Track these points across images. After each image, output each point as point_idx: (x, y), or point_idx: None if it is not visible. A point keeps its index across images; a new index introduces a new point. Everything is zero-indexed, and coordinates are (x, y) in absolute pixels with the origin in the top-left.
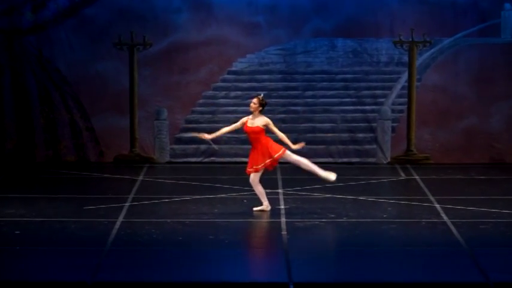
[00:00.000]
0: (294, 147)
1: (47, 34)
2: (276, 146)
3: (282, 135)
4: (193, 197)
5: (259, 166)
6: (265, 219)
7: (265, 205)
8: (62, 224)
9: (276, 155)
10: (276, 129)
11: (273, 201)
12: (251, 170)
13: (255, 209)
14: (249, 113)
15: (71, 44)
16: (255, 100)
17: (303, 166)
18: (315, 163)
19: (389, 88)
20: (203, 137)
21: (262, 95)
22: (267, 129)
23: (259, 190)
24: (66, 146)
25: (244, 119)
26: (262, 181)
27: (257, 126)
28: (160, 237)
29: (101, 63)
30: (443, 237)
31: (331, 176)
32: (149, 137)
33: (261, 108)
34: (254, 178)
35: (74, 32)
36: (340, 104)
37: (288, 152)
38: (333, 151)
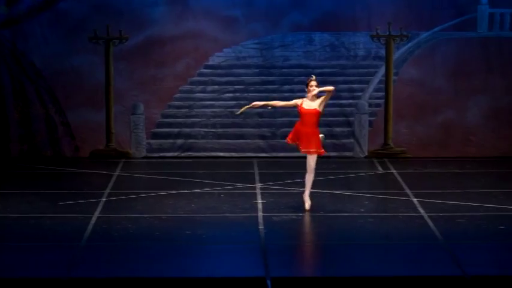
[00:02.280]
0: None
1: (22, 28)
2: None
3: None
4: (170, 192)
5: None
6: (241, 214)
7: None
8: (37, 219)
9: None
10: (322, 98)
11: (250, 195)
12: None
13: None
14: (226, 106)
15: (46, 38)
16: (315, 82)
17: (308, 176)
18: (292, 157)
19: (367, 82)
20: (255, 106)
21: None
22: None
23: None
24: (41, 141)
25: (298, 101)
26: (240, 176)
27: (315, 109)
28: (137, 232)
29: (76, 57)
30: (420, 231)
31: (307, 204)
32: (125, 131)
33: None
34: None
35: (48, 26)
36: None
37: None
38: None
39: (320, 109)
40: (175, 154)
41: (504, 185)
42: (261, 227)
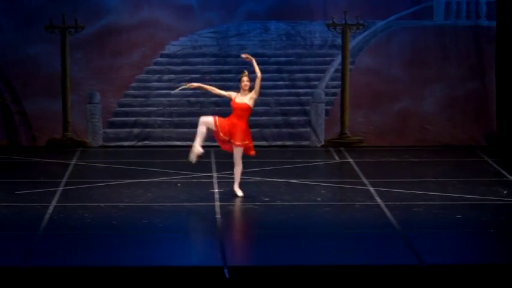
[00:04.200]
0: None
1: None
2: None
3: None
4: (126, 181)
5: (240, 143)
6: (199, 203)
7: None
8: None
9: (250, 144)
10: (257, 79)
11: (207, 185)
12: (240, 144)
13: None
14: (183, 95)
15: (1, 27)
16: (247, 78)
17: (236, 168)
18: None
19: (323, 71)
20: (191, 86)
21: (246, 71)
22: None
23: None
24: None
25: (233, 94)
26: (196, 165)
27: (245, 103)
28: (94, 221)
29: (32, 46)
30: (376, 220)
31: (239, 194)
32: (82, 120)
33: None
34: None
35: (4, 15)
36: (274, 87)
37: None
38: (267, 134)
39: (251, 104)
40: (132, 143)
41: (460, 173)
42: (218, 216)
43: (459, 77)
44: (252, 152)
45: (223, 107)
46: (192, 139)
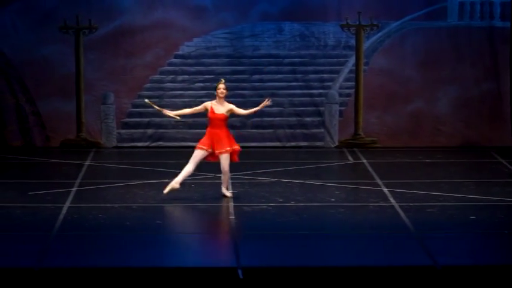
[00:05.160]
0: (260, 106)
1: None
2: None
3: (247, 111)
4: (140, 181)
5: (228, 149)
6: (212, 204)
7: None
8: (7, 209)
9: (237, 148)
10: (240, 110)
11: (220, 185)
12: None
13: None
14: (196, 96)
15: (16, 28)
16: (223, 86)
17: (224, 176)
18: (263, 147)
19: (337, 72)
20: (164, 112)
21: (223, 79)
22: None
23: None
24: (11, 131)
25: (208, 104)
26: (210, 165)
27: (222, 114)
28: (108, 222)
29: (46, 47)
30: (390, 221)
31: (228, 194)
32: (96, 121)
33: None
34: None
35: (19, 16)
36: (288, 87)
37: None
38: (281, 135)
39: (227, 114)
40: (146, 144)
41: (474, 174)
42: (231, 216)
43: (473, 78)
44: (236, 158)
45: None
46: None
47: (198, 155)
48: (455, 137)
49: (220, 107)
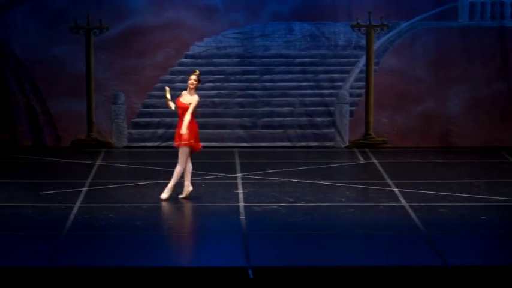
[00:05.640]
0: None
1: (2, 17)
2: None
3: (186, 120)
4: (151, 181)
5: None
6: (223, 204)
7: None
8: (18, 209)
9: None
10: (189, 112)
11: (231, 185)
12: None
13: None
14: (207, 96)
15: (27, 28)
16: (195, 77)
17: (177, 170)
18: (273, 147)
19: (347, 72)
20: (167, 103)
21: (198, 71)
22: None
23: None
24: (22, 131)
25: (184, 92)
26: (221, 165)
27: (185, 104)
28: (118, 222)
29: (57, 47)
30: (401, 221)
31: (164, 195)
32: (106, 121)
33: (199, 85)
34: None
35: (29, 16)
36: (298, 87)
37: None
38: (291, 135)
39: (192, 106)
40: (156, 144)
41: (485, 175)
42: (242, 216)
43: (484, 78)
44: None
45: (247, 108)
46: (216, 140)
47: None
48: (466, 137)
49: (187, 97)
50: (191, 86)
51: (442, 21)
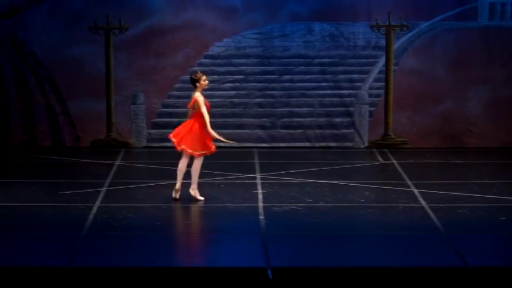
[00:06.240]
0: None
1: (22, 18)
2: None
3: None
4: (170, 181)
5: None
6: (242, 204)
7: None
8: (37, 209)
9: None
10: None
11: (250, 185)
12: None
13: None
14: (226, 96)
15: (46, 28)
16: (205, 77)
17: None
18: (292, 148)
19: (367, 72)
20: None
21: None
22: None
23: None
24: (42, 131)
25: (203, 99)
26: (240, 166)
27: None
28: (138, 222)
29: (76, 47)
30: (420, 222)
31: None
32: (126, 121)
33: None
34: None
35: (49, 16)
36: (317, 88)
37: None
38: (310, 135)
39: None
40: None
41: (505, 175)
42: (261, 217)
43: (504, 78)
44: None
45: (266, 108)
46: (235, 140)
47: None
48: (486, 138)
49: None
50: (205, 88)
51: (461, 21)
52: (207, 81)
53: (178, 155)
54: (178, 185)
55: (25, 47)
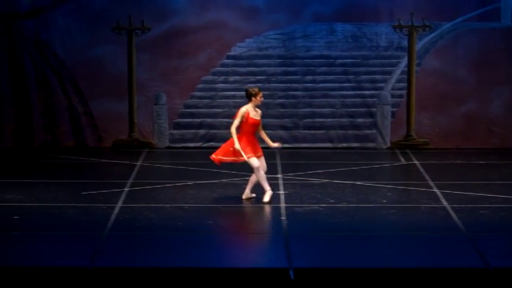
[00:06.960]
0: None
1: (45, 18)
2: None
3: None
4: (192, 182)
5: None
6: (264, 205)
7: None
8: (60, 209)
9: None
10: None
11: (272, 186)
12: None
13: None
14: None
15: (69, 29)
16: (262, 94)
17: (258, 175)
18: (315, 148)
19: (389, 73)
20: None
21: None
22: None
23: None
24: (64, 131)
25: (244, 112)
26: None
27: (259, 120)
28: (160, 222)
29: (99, 47)
30: (442, 222)
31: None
32: (148, 121)
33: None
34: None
35: (71, 16)
36: (340, 88)
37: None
38: (333, 136)
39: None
40: (198, 144)
41: None
42: (283, 217)
43: None
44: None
45: (288, 109)
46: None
47: (259, 164)
48: (508, 138)
49: (256, 114)
50: (260, 103)
51: (484, 22)
52: (262, 99)
53: (200, 155)
54: (266, 188)
55: (47, 48)
